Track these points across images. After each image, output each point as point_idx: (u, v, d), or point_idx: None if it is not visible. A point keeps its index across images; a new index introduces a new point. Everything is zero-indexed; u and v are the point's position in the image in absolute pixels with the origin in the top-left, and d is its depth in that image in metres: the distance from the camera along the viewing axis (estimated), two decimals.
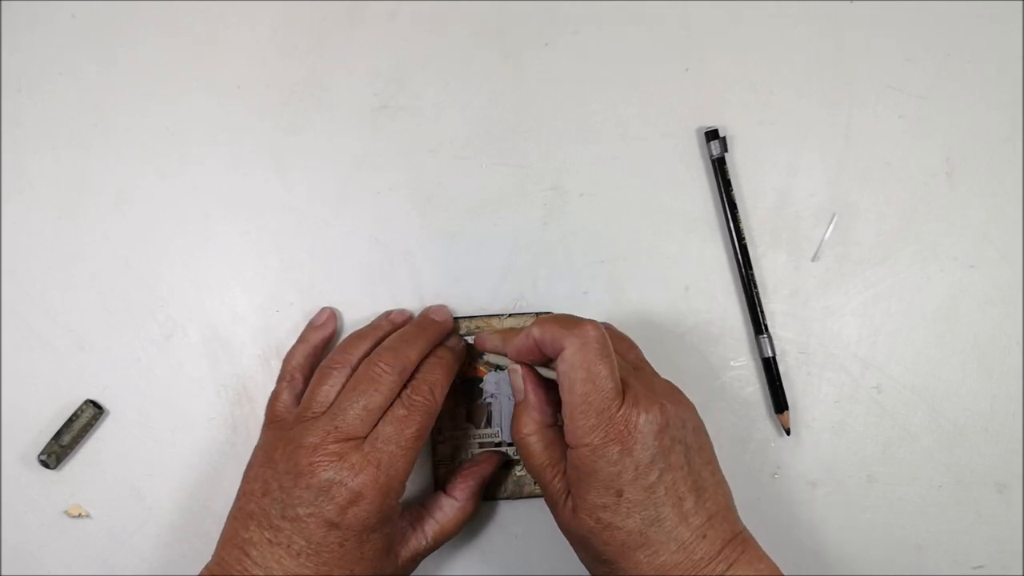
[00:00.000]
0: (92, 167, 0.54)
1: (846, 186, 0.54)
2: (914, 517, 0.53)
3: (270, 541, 0.44)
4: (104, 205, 0.54)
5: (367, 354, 0.48)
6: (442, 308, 0.53)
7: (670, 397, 0.45)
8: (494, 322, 0.53)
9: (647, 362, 0.50)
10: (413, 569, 0.49)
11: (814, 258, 0.54)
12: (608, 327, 0.50)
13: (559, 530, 0.46)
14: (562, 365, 0.44)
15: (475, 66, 0.55)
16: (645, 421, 0.43)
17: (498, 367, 0.52)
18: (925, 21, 0.55)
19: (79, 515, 0.53)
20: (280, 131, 0.55)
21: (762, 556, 0.44)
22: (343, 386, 0.47)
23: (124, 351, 0.54)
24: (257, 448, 0.48)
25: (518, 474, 0.53)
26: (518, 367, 0.47)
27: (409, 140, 0.55)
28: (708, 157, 0.54)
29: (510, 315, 0.53)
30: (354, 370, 0.48)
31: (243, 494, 0.46)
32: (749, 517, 0.54)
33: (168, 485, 0.53)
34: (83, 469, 0.54)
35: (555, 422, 0.47)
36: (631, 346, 0.50)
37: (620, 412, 0.43)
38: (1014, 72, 0.54)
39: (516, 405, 0.47)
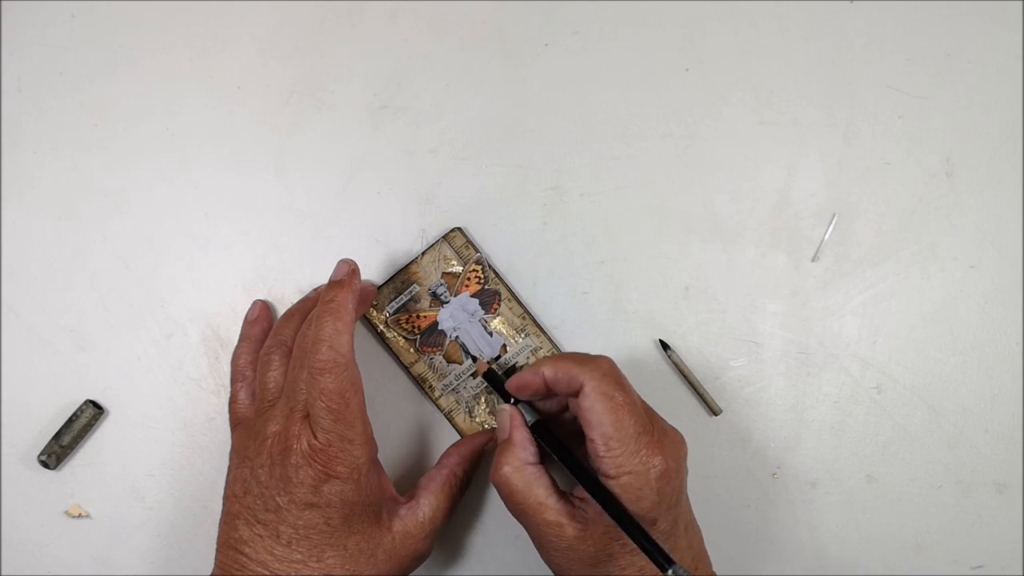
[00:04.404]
0: (92, 167, 0.54)
1: (846, 186, 0.54)
2: (914, 517, 0.53)
3: (260, 536, 0.44)
4: (104, 205, 0.54)
5: (299, 329, 0.49)
6: (340, 264, 0.49)
7: (676, 433, 0.47)
8: (413, 267, 0.53)
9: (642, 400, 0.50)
10: (419, 549, 0.47)
11: (814, 258, 0.54)
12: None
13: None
14: (585, 400, 0.44)
15: (475, 66, 0.55)
16: (673, 449, 0.45)
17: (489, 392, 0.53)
18: (925, 21, 0.55)
19: (79, 515, 0.53)
20: (280, 131, 0.55)
21: None
22: (286, 367, 0.48)
23: (124, 351, 0.54)
24: (231, 452, 0.48)
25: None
26: (506, 407, 0.48)
27: (409, 140, 0.55)
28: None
29: (423, 253, 0.53)
30: (291, 348, 0.48)
31: (227, 498, 0.47)
32: (749, 517, 0.54)
33: (168, 485, 0.54)
34: (83, 469, 0.54)
35: (537, 461, 0.47)
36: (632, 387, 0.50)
37: (655, 435, 0.44)
38: (1014, 72, 0.54)
39: (499, 446, 0.48)
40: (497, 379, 0.51)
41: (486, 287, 0.53)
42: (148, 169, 0.54)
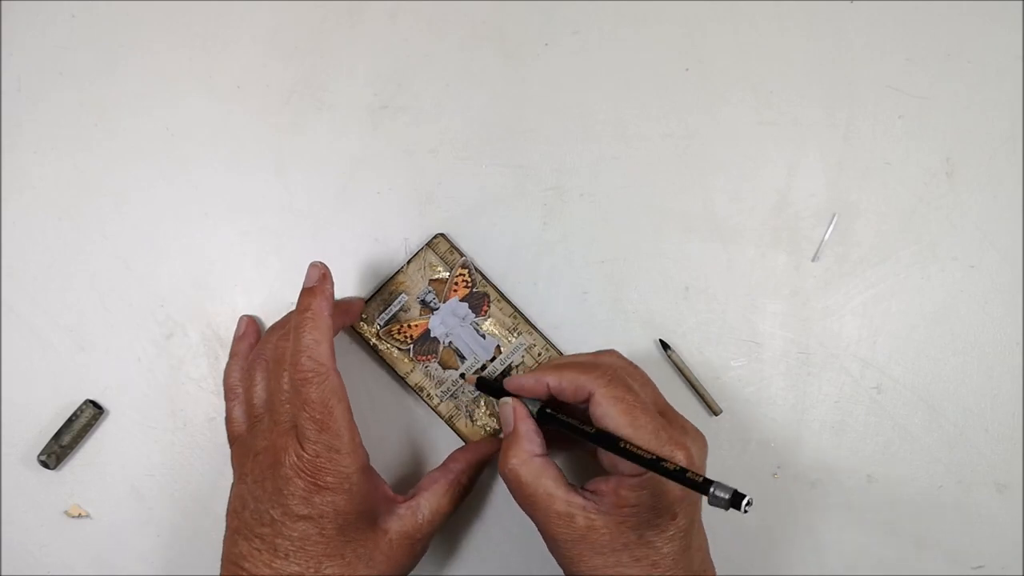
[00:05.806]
0: (92, 167, 0.54)
1: (846, 186, 0.54)
2: (914, 517, 0.53)
3: (258, 550, 0.44)
4: (104, 205, 0.54)
5: None
6: (310, 269, 0.47)
7: (698, 431, 0.47)
8: (400, 277, 0.52)
9: (660, 394, 0.49)
10: (416, 549, 0.47)
11: (814, 258, 0.54)
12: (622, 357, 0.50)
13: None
14: (598, 408, 0.45)
15: (475, 66, 0.55)
16: (697, 446, 0.45)
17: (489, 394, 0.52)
18: (925, 21, 0.55)
19: (79, 515, 0.53)
20: (280, 131, 0.55)
21: None
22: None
23: (124, 351, 0.54)
24: (233, 469, 0.49)
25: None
26: (509, 400, 0.48)
27: (409, 140, 0.54)
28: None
29: (408, 262, 0.53)
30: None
31: (228, 514, 0.47)
32: (749, 517, 0.54)
33: (168, 485, 0.54)
34: (83, 469, 0.54)
35: (544, 452, 0.47)
36: (645, 381, 0.49)
37: (675, 429, 0.45)
38: (1014, 72, 0.54)
39: (504, 439, 0.48)
40: (491, 383, 0.51)
41: (474, 290, 0.53)
42: (148, 169, 0.54)
